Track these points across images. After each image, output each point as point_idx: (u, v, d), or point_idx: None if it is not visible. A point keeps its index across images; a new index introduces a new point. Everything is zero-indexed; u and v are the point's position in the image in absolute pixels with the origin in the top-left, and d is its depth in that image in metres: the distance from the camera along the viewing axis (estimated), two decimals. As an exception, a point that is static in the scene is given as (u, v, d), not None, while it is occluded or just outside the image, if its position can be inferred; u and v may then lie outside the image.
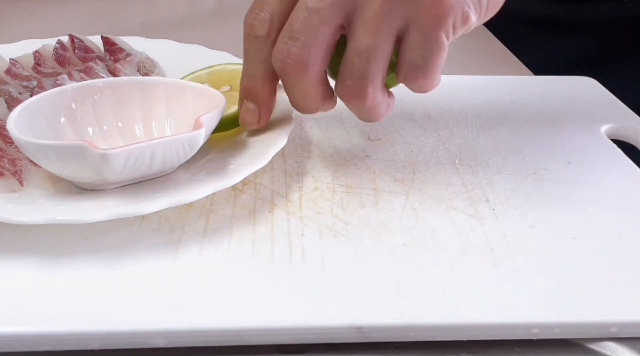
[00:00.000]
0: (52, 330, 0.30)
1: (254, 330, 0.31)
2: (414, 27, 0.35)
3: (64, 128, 0.40)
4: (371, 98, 0.37)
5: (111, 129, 0.41)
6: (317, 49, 0.36)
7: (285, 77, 0.38)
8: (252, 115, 0.40)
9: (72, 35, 0.53)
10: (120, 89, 0.42)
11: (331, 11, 0.36)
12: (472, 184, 0.42)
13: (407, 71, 0.37)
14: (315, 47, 0.36)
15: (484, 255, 0.36)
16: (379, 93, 0.37)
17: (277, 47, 0.37)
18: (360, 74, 0.36)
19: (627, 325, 0.32)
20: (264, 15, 0.37)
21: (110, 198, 0.36)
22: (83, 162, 0.34)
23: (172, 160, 0.37)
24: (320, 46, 0.36)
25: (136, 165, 0.35)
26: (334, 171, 0.43)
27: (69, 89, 0.41)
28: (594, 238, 0.37)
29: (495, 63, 0.66)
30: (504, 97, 0.55)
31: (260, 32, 0.38)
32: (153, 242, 0.35)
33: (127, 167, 0.35)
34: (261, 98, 0.40)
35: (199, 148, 0.38)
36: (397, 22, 0.35)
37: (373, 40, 0.35)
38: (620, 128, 0.51)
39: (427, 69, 0.36)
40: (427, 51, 0.36)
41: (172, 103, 0.42)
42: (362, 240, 0.36)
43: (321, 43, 0.36)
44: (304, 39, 0.36)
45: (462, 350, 0.32)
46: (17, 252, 0.34)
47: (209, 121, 0.37)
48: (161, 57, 0.53)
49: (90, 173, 0.35)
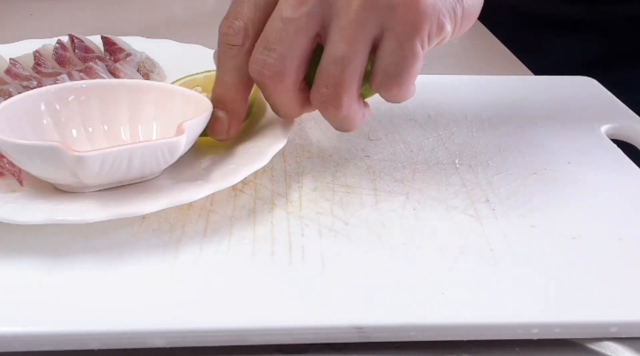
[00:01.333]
0: (52, 330, 0.30)
1: (254, 330, 0.31)
2: (389, 35, 0.35)
3: (48, 129, 0.39)
4: (346, 107, 0.37)
5: (97, 131, 0.41)
6: (293, 59, 0.36)
7: (263, 86, 0.38)
8: (221, 124, 0.40)
9: (72, 35, 0.53)
10: (108, 91, 0.41)
11: (307, 21, 0.36)
12: (472, 184, 0.42)
13: (381, 79, 0.37)
14: (291, 57, 0.36)
15: (484, 255, 0.36)
16: (354, 102, 0.37)
17: (253, 57, 0.37)
18: (335, 82, 0.36)
19: (627, 325, 0.32)
20: (238, 24, 0.37)
21: (110, 198, 0.36)
22: (58, 164, 0.33)
23: (152, 166, 0.37)
24: (297, 56, 0.36)
25: (113, 169, 0.34)
26: (334, 171, 0.43)
27: (52, 90, 0.40)
28: (594, 238, 0.37)
29: (495, 63, 0.66)
30: (504, 97, 0.55)
31: (234, 41, 0.38)
32: (153, 242, 0.35)
33: (103, 171, 0.34)
34: (232, 107, 0.40)
35: (182, 153, 0.37)
36: (373, 30, 0.35)
37: (348, 49, 0.35)
38: (620, 128, 0.51)
39: (401, 78, 0.36)
40: (402, 59, 0.36)
41: (160, 108, 0.41)
42: (362, 240, 0.36)
43: (297, 53, 0.36)
44: (280, 49, 0.36)
45: (462, 350, 0.32)
46: (17, 252, 0.34)
47: (191, 127, 0.37)
48: (161, 57, 0.53)
49: (67, 176, 0.34)
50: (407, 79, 0.36)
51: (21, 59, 0.50)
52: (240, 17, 0.37)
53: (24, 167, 0.36)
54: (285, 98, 0.38)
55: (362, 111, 0.39)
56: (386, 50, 0.36)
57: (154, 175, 0.38)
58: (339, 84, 0.36)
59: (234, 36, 0.38)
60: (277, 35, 0.36)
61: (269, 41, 0.36)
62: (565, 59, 0.73)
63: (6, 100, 0.38)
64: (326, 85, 0.36)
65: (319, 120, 0.49)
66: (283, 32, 0.36)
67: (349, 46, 0.35)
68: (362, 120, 0.39)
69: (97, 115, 0.41)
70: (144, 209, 0.34)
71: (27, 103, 0.39)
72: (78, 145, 0.39)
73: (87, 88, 0.41)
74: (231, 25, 0.38)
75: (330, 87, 0.36)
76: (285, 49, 0.36)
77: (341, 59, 0.36)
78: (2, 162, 0.38)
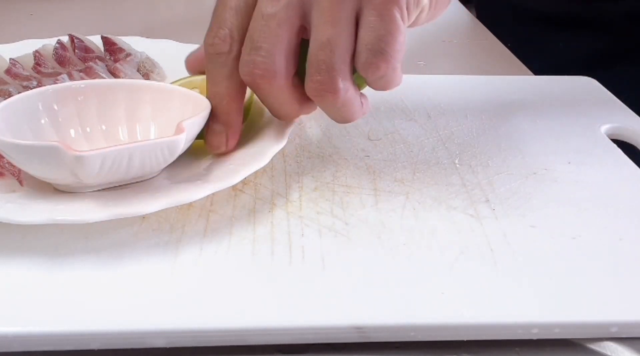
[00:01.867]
0: (52, 330, 0.30)
1: (254, 330, 0.31)
2: (368, 8, 0.35)
3: (46, 129, 0.39)
4: (343, 91, 0.37)
5: (95, 131, 0.41)
6: (281, 53, 0.36)
7: (257, 88, 0.38)
8: (218, 138, 0.40)
9: (72, 35, 0.53)
10: (106, 91, 0.41)
11: (287, 12, 0.36)
12: (472, 184, 0.42)
13: (366, 58, 0.36)
14: (278, 52, 0.36)
15: (484, 255, 0.36)
16: (350, 85, 0.37)
17: (242, 61, 0.37)
18: (327, 67, 0.36)
19: (627, 325, 0.32)
20: (223, 32, 0.37)
21: (110, 198, 0.36)
22: (58, 164, 0.33)
23: (152, 165, 0.36)
24: (284, 50, 0.36)
25: (113, 168, 0.34)
26: (334, 171, 0.43)
27: (50, 90, 0.40)
28: (594, 238, 0.37)
29: (495, 63, 0.66)
30: (504, 97, 0.55)
31: (221, 49, 0.38)
32: (153, 242, 0.35)
33: (103, 170, 0.34)
34: (227, 118, 0.39)
35: (181, 152, 0.37)
36: (353, 6, 0.36)
37: (333, 30, 0.35)
38: (620, 128, 0.51)
39: (386, 53, 0.36)
40: (384, 31, 0.36)
41: (158, 107, 0.41)
42: (362, 240, 0.36)
43: (284, 46, 0.36)
44: (266, 46, 0.36)
45: (462, 350, 0.32)
46: (17, 252, 0.34)
47: (191, 126, 0.37)
48: (161, 57, 0.53)
49: (66, 175, 0.34)
50: (392, 53, 0.36)
51: (21, 59, 0.50)
52: (223, 25, 0.37)
53: (23, 168, 0.36)
54: (280, 97, 0.38)
55: (359, 98, 0.39)
56: (367, 24, 0.36)
57: (154, 175, 0.38)
58: (331, 67, 0.36)
59: (220, 44, 0.37)
60: (262, 33, 0.36)
61: (255, 40, 0.36)
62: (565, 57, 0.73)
63: (5, 100, 0.38)
64: (319, 72, 0.36)
65: (319, 120, 0.49)
66: (266, 29, 0.36)
67: (333, 27, 0.35)
68: (362, 109, 0.39)
69: (95, 115, 0.41)
70: (143, 209, 0.34)
71: (25, 103, 0.39)
72: (76, 145, 0.39)
73: (85, 88, 0.41)
74: (216, 34, 0.38)
75: (323, 73, 0.36)
76: (271, 44, 0.36)
77: (328, 42, 0.36)
78: (2, 162, 0.38)
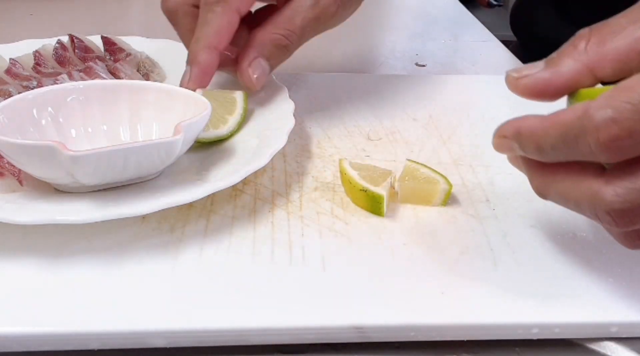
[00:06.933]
0: (52, 330, 0.30)
1: (254, 330, 0.31)
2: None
3: (48, 129, 0.39)
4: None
5: (96, 132, 0.41)
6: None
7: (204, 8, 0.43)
8: (185, 76, 0.44)
9: (72, 35, 0.53)
10: (109, 91, 0.42)
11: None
12: (473, 184, 0.42)
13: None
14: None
15: (484, 255, 0.36)
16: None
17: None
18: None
19: (627, 325, 0.32)
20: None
21: (110, 198, 0.36)
22: (54, 163, 0.33)
23: (148, 166, 0.36)
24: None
25: (109, 168, 0.34)
26: (334, 171, 0.43)
27: (51, 90, 0.40)
28: (594, 238, 0.37)
29: (495, 63, 0.66)
30: (504, 97, 0.55)
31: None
32: (153, 242, 0.35)
33: (98, 170, 0.34)
34: (193, 57, 0.43)
35: (180, 154, 0.37)
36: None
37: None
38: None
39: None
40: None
41: (161, 108, 0.41)
42: (362, 240, 0.36)
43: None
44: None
45: (462, 350, 0.32)
46: (17, 252, 0.34)
47: (189, 128, 0.36)
48: (161, 57, 0.53)
49: (63, 175, 0.34)
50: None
51: (21, 59, 0.50)
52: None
53: (21, 167, 0.36)
54: (213, 19, 0.42)
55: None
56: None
57: (152, 176, 0.38)
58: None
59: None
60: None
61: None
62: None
63: (5, 100, 0.38)
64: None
65: (319, 120, 0.49)
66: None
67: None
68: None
69: (97, 116, 0.41)
70: (143, 209, 0.34)
71: (26, 103, 0.39)
72: (78, 145, 0.39)
73: (87, 88, 0.41)
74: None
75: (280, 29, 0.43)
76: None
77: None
78: (2, 162, 0.38)
